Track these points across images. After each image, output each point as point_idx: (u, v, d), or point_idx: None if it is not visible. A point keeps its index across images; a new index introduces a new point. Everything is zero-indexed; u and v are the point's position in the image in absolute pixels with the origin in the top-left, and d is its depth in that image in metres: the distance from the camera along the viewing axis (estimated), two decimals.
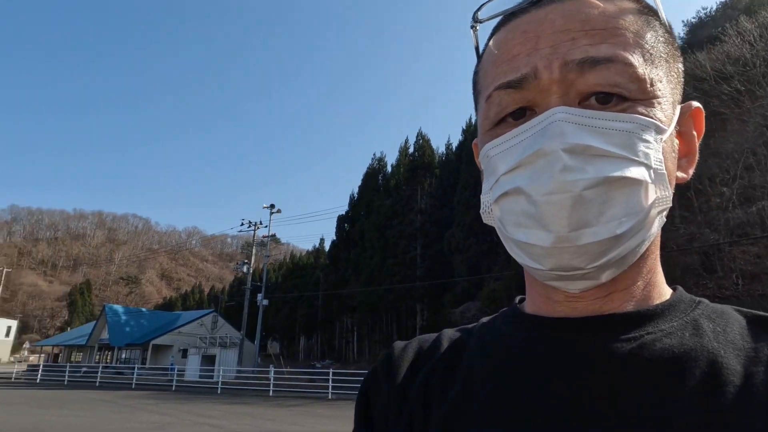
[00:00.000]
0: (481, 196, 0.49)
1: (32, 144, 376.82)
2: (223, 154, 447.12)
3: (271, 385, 22.13)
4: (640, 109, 0.43)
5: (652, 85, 0.43)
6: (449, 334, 0.58)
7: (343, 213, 49.09)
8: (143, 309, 56.00)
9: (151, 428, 10.51)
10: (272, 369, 24.31)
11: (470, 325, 0.59)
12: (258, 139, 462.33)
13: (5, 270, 56.22)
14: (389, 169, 45.54)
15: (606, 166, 0.40)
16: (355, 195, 47.88)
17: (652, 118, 0.43)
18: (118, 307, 46.67)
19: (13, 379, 32.56)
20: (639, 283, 0.47)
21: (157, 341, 40.41)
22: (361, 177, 47.64)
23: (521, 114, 0.45)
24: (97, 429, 10.33)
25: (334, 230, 49.81)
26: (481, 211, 0.50)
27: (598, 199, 0.40)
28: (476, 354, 0.52)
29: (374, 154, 49.55)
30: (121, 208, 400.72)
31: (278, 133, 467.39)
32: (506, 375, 0.47)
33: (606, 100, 0.42)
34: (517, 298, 0.58)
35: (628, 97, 0.42)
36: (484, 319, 0.59)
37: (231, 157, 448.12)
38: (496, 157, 0.46)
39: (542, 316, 0.49)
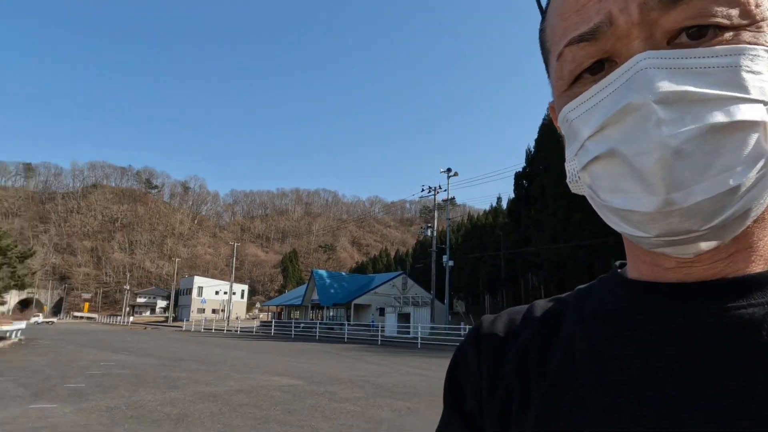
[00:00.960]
0: (566, 164, 0.45)
1: (235, 129, 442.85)
2: (391, 126, 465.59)
3: None
4: (746, 36, 0.36)
5: (757, 5, 0.36)
6: (542, 304, 0.54)
7: (521, 170, 47.67)
8: (342, 273, 62.83)
9: (374, 375, 12.15)
10: (463, 326, 25.37)
11: (564, 295, 0.55)
12: (431, 108, 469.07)
13: (236, 244, 68.77)
14: None
15: (709, 112, 0.34)
16: (532, 150, 45.96)
17: (763, 44, 0.36)
18: (323, 272, 53.28)
19: (254, 333, 40.61)
20: (766, 240, 0.40)
21: (357, 301, 45.33)
22: (537, 130, 45.42)
23: (600, 68, 0.39)
24: (333, 373, 12.32)
25: (512, 188, 48.81)
26: (567, 180, 0.45)
27: (703, 151, 0.34)
28: (575, 324, 0.47)
29: (549, 103, 45.88)
30: (313, 183, 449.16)
31: (452, 101, 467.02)
32: (612, 344, 0.42)
33: (700, 34, 0.36)
34: (617, 263, 0.52)
35: (728, 25, 0.35)
36: (580, 287, 0.54)
37: (400, 127, 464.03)
38: (577, 120, 0.41)
39: (651, 282, 0.43)
